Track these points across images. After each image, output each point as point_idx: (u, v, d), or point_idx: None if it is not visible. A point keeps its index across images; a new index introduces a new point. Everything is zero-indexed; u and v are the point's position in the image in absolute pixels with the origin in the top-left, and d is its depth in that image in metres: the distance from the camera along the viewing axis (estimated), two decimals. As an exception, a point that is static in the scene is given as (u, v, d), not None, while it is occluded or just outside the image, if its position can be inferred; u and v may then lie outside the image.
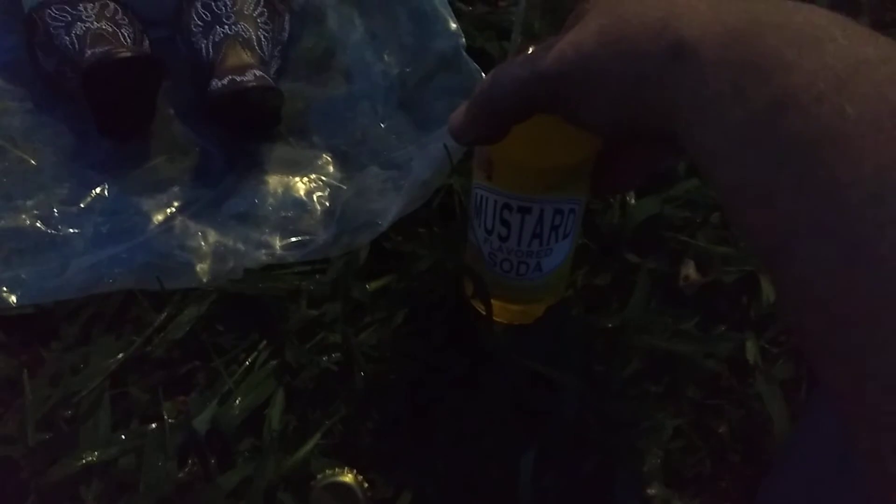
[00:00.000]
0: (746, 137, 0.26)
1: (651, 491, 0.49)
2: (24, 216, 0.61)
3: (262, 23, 0.67)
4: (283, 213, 0.62)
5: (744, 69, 0.26)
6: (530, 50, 0.39)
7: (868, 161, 0.22)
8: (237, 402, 0.51)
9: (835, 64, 0.24)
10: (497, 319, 0.53)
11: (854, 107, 0.23)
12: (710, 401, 0.53)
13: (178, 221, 0.61)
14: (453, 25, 0.69)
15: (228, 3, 0.66)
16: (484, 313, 0.52)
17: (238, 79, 0.60)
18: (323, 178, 0.65)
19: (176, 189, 0.64)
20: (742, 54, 0.26)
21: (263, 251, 0.60)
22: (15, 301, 0.56)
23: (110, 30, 0.63)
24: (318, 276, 0.58)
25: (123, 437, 0.51)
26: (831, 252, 0.23)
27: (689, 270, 0.58)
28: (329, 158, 0.66)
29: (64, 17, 0.63)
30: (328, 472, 0.48)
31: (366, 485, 0.48)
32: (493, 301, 0.52)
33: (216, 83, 0.61)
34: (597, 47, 0.31)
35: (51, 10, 0.64)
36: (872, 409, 0.22)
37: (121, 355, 0.54)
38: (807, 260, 0.24)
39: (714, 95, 0.27)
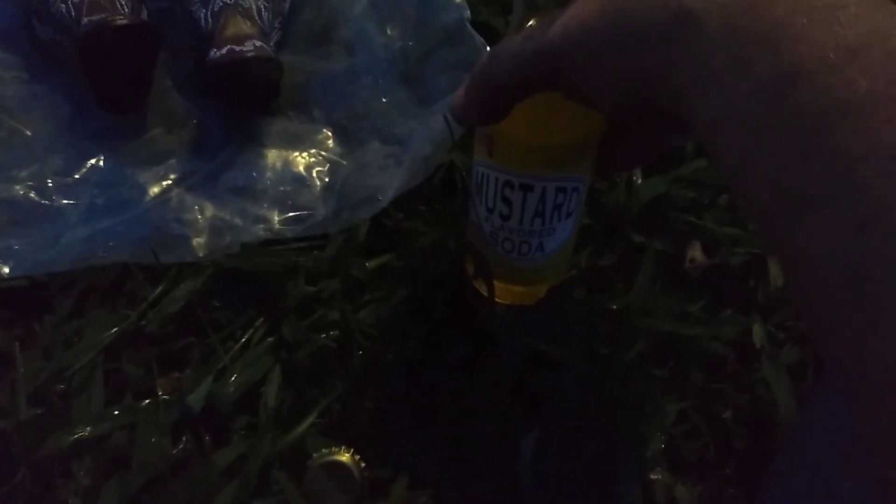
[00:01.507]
0: (753, 109, 0.25)
1: (654, 476, 0.48)
2: (17, 187, 0.60)
3: (262, -7, 0.65)
4: (282, 188, 0.61)
5: (751, 39, 0.25)
6: (530, 24, 0.38)
7: (882, 134, 0.21)
8: (233, 378, 0.51)
9: (846, 33, 0.23)
10: (499, 300, 0.52)
11: (867, 78, 0.22)
12: (715, 385, 0.52)
13: (174, 194, 0.60)
14: (458, -2, 0.68)
15: (228, -29, 0.64)
16: (485, 294, 0.51)
17: (237, 49, 0.59)
18: (323, 152, 0.64)
19: (173, 161, 0.63)
20: (749, 24, 0.25)
21: (261, 226, 0.59)
22: (7, 272, 0.55)
23: (107, -3, 0.62)
24: (316, 253, 0.57)
25: (116, 412, 0.50)
26: (840, 228, 0.22)
27: (696, 252, 0.57)
28: (329, 133, 0.65)
29: (60, -17, 0.62)
30: (324, 450, 0.48)
31: (363, 464, 0.47)
32: (494, 281, 0.51)
33: (215, 53, 0.59)
34: (599, 19, 0.30)
35: (46, -24, 0.62)
36: (877, 391, 0.22)
37: (115, 330, 0.53)
38: (814, 235, 0.23)
39: (720, 66, 0.26)
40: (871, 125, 0.21)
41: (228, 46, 0.59)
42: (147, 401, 0.51)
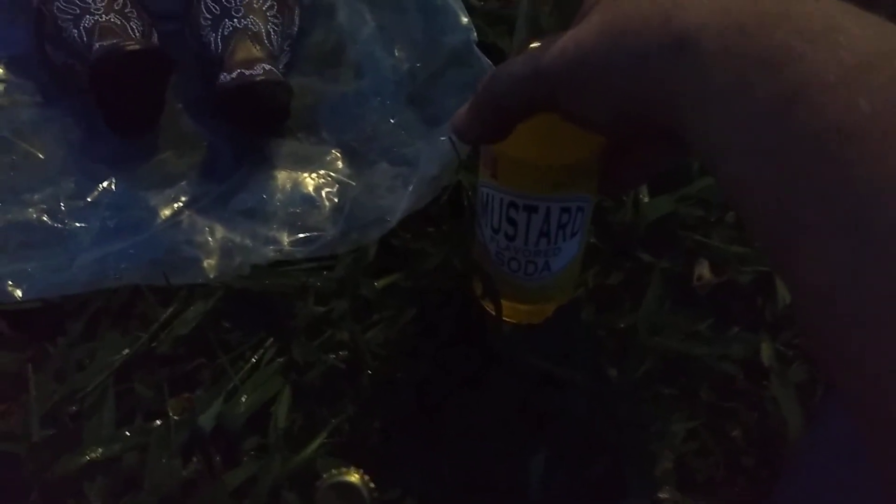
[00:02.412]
0: (753, 131, 0.25)
1: (663, 494, 0.48)
2: (30, 210, 0.61)
3: (271, 16, 0.66)
4: (292, 209, 0.62)
5: (751, 61, 0.25)
6: (532, 46, 0.38)
7: (885, 157, 0.21)
8: (243, 399, 0.51)
9: (847, 56, 0.23)
10: (506, 319, 0.52)
11: (868, 101, 0.22)
12: (724, 403, 0.52)
13: (185, 216, 0.61)
14: (465, 20, 0.69)
15: (238, -4, 0.65)
16: (493, 313, 0.51)
17: (247, 73, 0.60)
18: (332, 173, 0.64)
19: (183, 184, 0.63)
20: (749, 46, 0.25)
21: (271, 247, 0.59)
22: (21, 295, 0.56)
23: (119, 23, 0.63)
24: (325, 273, 0.57)
25: (128, 433, 0.50)
26: (842, 251, 0.22)
27: (704, 270, 0.57)
28: (338, 154, 0.66)
29: (72, 9, 0.63)
30: (334, 471, 0.48)
31: (372, 485, 0.47)
32: (501, 300, 0.51)
33: (225, 77, 0.60)
34: (598, 42, 0.31)
35: (59, 2, 0.63)
36: (883, 414, 0.22)
37: (126, 351, 0.53)
38: (816, 259, 0.23)
39: (719, 89, 0.26)
40: (874, 149, 0.21)
41: (238, 70, 0.60)
42: (158, 422, 0.51)
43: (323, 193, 0.63)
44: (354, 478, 0.47)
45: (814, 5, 0.25)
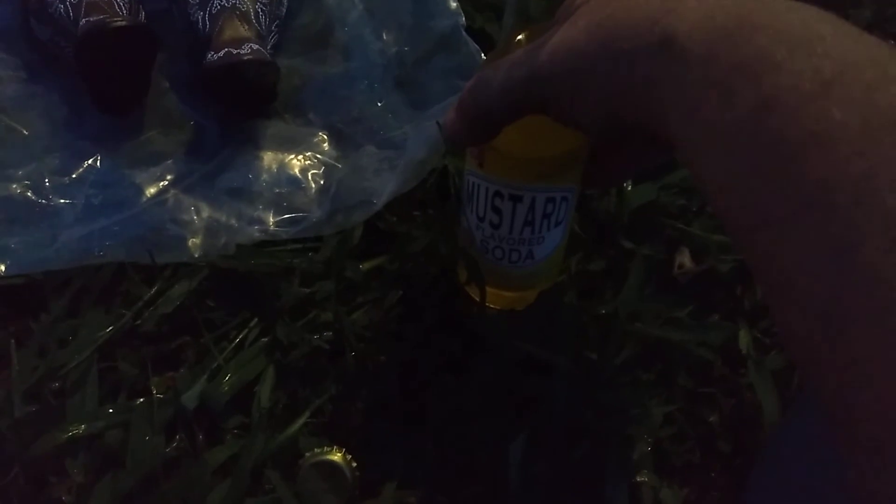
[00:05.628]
0: (732, 137, 0.25)
1: (640, 478, 0.49)
2: (14, 186, 0.60)
3: (260, -4, 0.66)
4: (277, 190, 0.62)
5: (732, 68, 0.26)
6: (518, 40, 0.38)
7: (854, 165, 0.22)
8: (226, 378, 0.51)
9: (822, 65, 0.24)
10: (490, 305, 0.52)
11: (840, 109, 0.23)
12: (702, 389, 0.53)
13: (170, 195, 0.61)
14: (453, 4, 0.69)
15: (226, -25, 0.65)
16: (477, 299, 0.52)
17: (234, 52, 0.59)
18: (318, 155, 0.64)
19: (169, 162, 0.63)
20: (730, 53, 0.26)
21: (256, 227, 0.59)
22: (3, 270, 0.56)
23: (106, -1, 0.62)
24: (311, 255, 0.57)
25: (111, 411, 0.50)
26: (816, 255, 0.23)
27: (684, 258, 0.58)
28: (325, 136, 0.66)
29: (59, -16, 0.62)
30: (317, 450, 0.48)
31: (354, 464, 0.48)
32: (486, 287, 0.51)
33: (212, 56, 0.60)
34: (586, 46, 0.31)
35: (45, -23, 0.63)
36: (855, 420, 0.22)
37: (110, 329, 0.53)
38: (791, 263, 0.24)
39: (702, 94, 0.27)
40: (844, 157, 0.22)
41: (225, 49, 0.60)
42: (141, 399, 0.51)
43: (309, 175, 0.63)
44: (337, 457, 0.47)
45: (794, 14, 0.26)
